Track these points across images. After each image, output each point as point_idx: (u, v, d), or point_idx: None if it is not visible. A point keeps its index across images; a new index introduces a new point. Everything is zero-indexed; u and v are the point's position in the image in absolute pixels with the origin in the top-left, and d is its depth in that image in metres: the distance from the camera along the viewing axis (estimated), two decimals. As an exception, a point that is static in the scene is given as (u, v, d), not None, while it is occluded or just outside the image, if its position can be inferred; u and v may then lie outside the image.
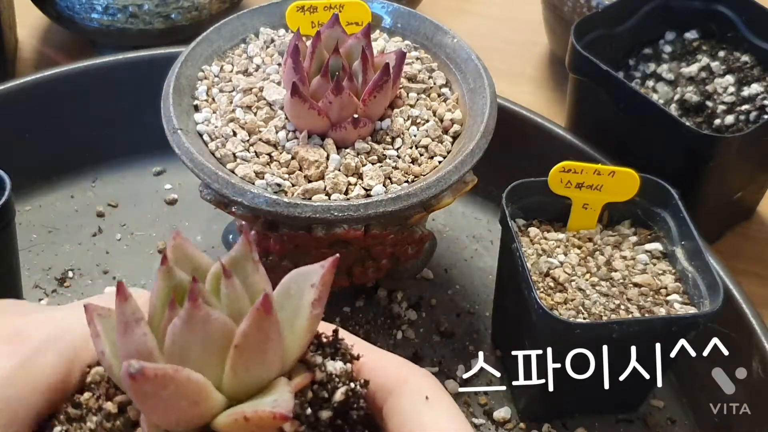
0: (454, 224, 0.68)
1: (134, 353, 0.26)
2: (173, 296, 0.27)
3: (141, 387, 0.24)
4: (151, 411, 0.26)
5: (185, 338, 0.26)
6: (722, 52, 0.67)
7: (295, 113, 0.52)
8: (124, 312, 0.26)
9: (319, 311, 0.28)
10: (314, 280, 0.28)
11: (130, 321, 0.26)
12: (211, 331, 0.26)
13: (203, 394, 0.26)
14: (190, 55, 0.56)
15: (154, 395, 0.25)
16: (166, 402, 0.25)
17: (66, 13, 0.77)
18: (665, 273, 0.53)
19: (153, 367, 0.24)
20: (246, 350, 0.26)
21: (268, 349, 0.27)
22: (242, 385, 0.27)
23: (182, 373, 0.25)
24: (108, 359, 0.27)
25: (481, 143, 0.52)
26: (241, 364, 0.26)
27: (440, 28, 0.59)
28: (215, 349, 0.26)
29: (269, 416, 0.25)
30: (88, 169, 0.70)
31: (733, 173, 0.63)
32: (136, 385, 0.24)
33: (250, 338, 0.26)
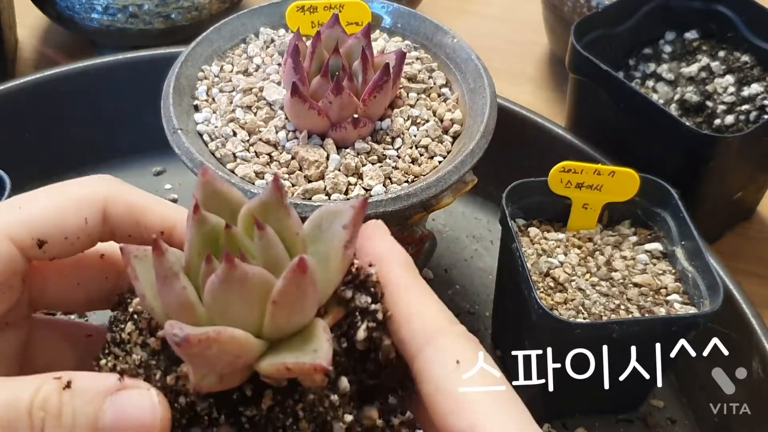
0: (454, 224, 0.68)
1: (175, 306, 0.26)
2: (209, 251, 0.27)
3: (188, 350, 0.25)
4: (197, 366, 0.26)
5: (224, 295, 0.26)
6: (722, 52, 0.67)
7: (295, 113, 0.52)
8: (162, 265, 0.26)
9: (351, 251, 0.28)
10: (345, 221, 0.28)
11: (168, 275, 0.26)
12: (249, 287, 0.26)
13: (245, 347, 0.26)
14: (190, 55, 0.56)
15: (199, 355, 0.25)
16: (210, 359, 0.25)
17: (66, 13, 0.77)
18: (665, 273, 0.53)
19: (196, 334, 0.25)
20: (284, 305, 0.27)
21: (305, 302, 0.27)
22: (281, 332, 0.27)
23: (224, 334, 0.25)
24: (149, 302, 0.27)
25: (481, 143, 0.52)
26: (280, 316, 0.27)
27: (440, 28, 0.59)
28: (254, 303, 0.27)
29: (310, 369, 0.26)
30: (88, 169, 0.70)
31: (733, 173, 0.63)
32: (182, 348, 0.25)
33: (288, 295, 0.26)
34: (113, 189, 0.31)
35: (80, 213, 0.30)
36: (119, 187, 0.32)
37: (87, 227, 0.30)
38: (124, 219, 0.31)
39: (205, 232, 0.28)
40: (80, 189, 0.31)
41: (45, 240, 0.29)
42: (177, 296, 0.26)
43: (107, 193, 0.31)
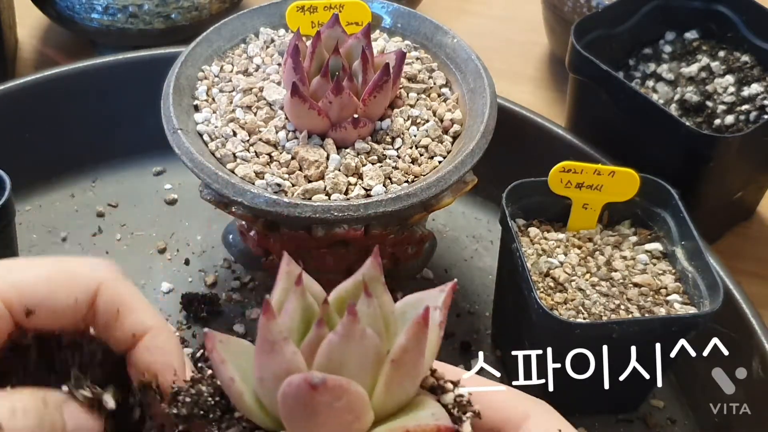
0: (454, 224, 0.68)
1: (283, 373, 0.25)
2: (321, 315, 0.27)
3: (320, 398, 0.24)
4: (317, 426, 0.25)
5: (341, 353, 0.26)
6: (722, 52, 0.67)
7: (295, 113, 0.52)
8: (272, 331, 0.25)
9: (442, 333, 0.28)
10: (438, 303, 0.28)
11: (278, 340, 0.25)
12: (367, 346, 0.26)
13: (366, 408, 0.26)
14: (190, 55, 0.56)
15: (328, 407, 0.25)
16: (335, 415, 0.25)
17: (66, 13, 0.77)
18: (665, 273, 0.53)
19: (334, 378, 0.24)
20: (402, 365, 0.26)
21: (419, 365, 0.27)
22: (391, 401, 0.27)
23: (354, 386, 0.25)
24: (238, 386, 0.26)
25: (481, 143, 0.52)
26: (395, 379, 0.26)
27: (440, 28, 0.59)
28: (368, 365, 0.26)
29: (434, 429, 0.25)
30: (88, 169, 0.70)
31: (733, 173, 0.63)
32: (315, 396, 0.24)
33: (408, 352, 0.26)
34: (109, 276, 0.31)
35: (73, 291, 0.30)
36: (116, 276, 0.32)
37: (75, 306, 0.30)
38: (107, 309, 0.31)
39: (305, 306, 0.28)
40: (78, 267, 0.31)
41: (33, 310, 0.29)
42: (287, 362, 0.25)
43: (102, 279, 0.31)
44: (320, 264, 0.54)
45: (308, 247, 0.52)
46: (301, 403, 0.25)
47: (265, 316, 0.25)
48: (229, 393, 0.27)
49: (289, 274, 0.28)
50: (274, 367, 0.26)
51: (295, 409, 0.25)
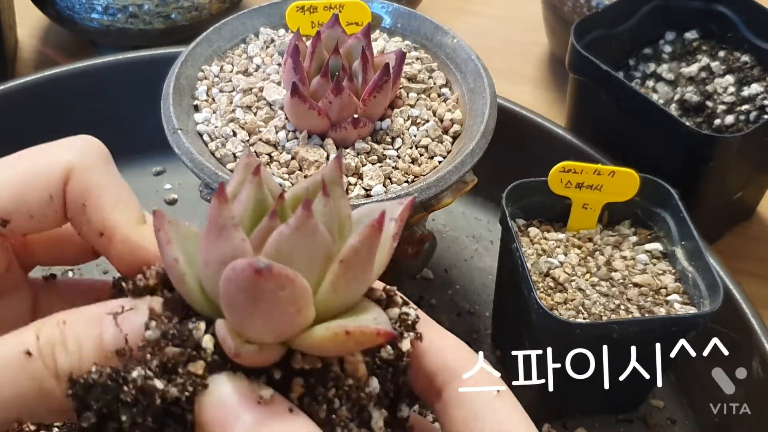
0: (454, 224, 0.68)
1: (229, 257, 0.24)
2: (275, 207, 0.26)
3: (263, 284, 0.23)
4: (257, 314, 0.24)
5: (291, 246, 0.25)
6: (722, 52, 0.67)
7: (295, 113, 0.52)
8: (222, 215, 0.25)
9: (395, 245, 0.28)
10: (394, 215, 0.28)
11: (227, 225, 0.25)
12: (318, 243, 0.25)
13: (309, 302, 0.25)
14: (190, 55, 0.56)
15: (271, 295, 0.24)
16: (277, 305, 0.24)
17: (66, 13, 0.77)
18: (665, 273, 0.53)
19: (279, 266, 0.23)
20: (351, 266, 0.25)
21: (368, 269, 0.26)
22: (335, 301, 0.26)
23: (299, 278, 0.24)
24: (181, 267, 0.25)
25: (481, 143, 0.52)
26: (342, 279, 0.26)
27: (440, 28, 0.59)
28: (317, 262, 0.25)
29: (373, 332, 0.25)
30: (88, 169, 0.70)
31: (733, 173, 0.63)
32: (259, 282, 0.23)
33: (358, 254, 0.25)
34: (82, 160, 0.29)
35: (44, 189, 0.28)
36: (89, 158, 0.29)
37: (53, 204, 0.29)
38: (74, 202, 0.29)
39: (259, 199, 0.27)
40: (48, 157, 0.29)
41: (8, 219, 0.28)
42: (234, 248, 0.25)
43: (73, 164, 0.29)
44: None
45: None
46: (243, 288, 0.24)
47: (217, 200, 0.24)
48: (171, 274, 0.26)
49: (248, 166, 0.27)
50: (220, 252, 0.25)
51: (237, 295, 0.24)
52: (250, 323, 0.25)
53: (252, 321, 0.25)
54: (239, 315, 0.25)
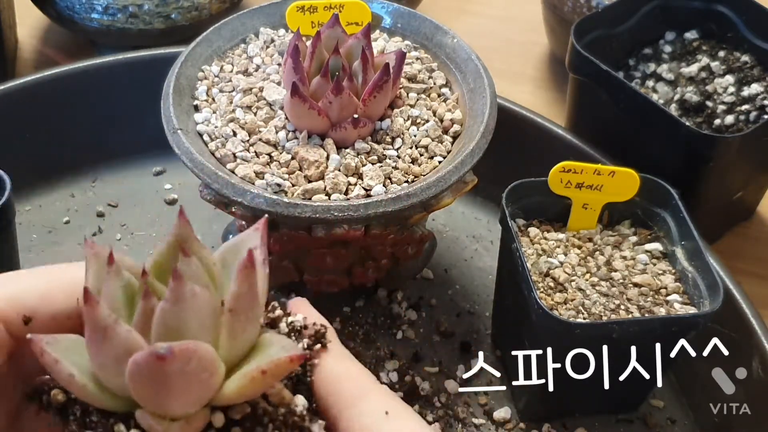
0: (454, 224, 0.68)
1: (123, 354, 0.25)
2: (145, 287, 0.26)
3: (169, 367, 0.24)
4: (173, 394, 0.25)
5: (177, 318, 0.26)
6: (722, 52, 0.67)
7: (295, 113, 0.52)
8: (99, 316, 0.25)
9: (268, 271, 0.28)
10: (256, 243, 0.28)
11: (108, 324, 0.25)
12: (200, 305, 0.26)
13: (216, 362, 0.26)
14: (190, 55, 0.56)
15: (180, 374, 0.24)
16: (188, 379, 0.25)
17: (66, 13, 0.77)
18: (665, 273, 0.53)
19: (178, 344, 0.24)
20: (240, 311, 0.26)
21: (255, 306, 0.27)
22: (238, 348, 0.27)
23: (200, 345, 0.25)
24: (78, 379, 0.26)
25: (481, 143, 0.52)
26: (237, 326, 0.26)
27: (440, 28, 0.59)
28: (207, 322, 0.26)
29: (287, 361, 0.25)
30: (88, 169, 0.70)
31: (733, 173, 0.63)
32: (165, 367, 0.24)
33: (242, 297, 0.26)
34: None
35: (72, 293, 0.29)
36: None
37: (77, 309, 0.29)
38: None
39: (124, 283, 0.27)
40: (72, 269, 0.30)
41: (31, 317, 0.29)
42: (124, 342, 0.25)
43: None
44: (320, 264, 0.54)
45: (308, 247, 0.52)
46: (152, 378, 0.24)
47: (88, 305, 0.25)
48: (73, 389, 0.26)
49: (97, 256, 0.27)
50: (112, 351, 0.25)
51: (147, 385, 0.25)
52: (168, 404, 0.25)
53: (170, 401, 0.25)
54: (155, 400, 0.25)
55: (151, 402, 0.26)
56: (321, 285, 0.57)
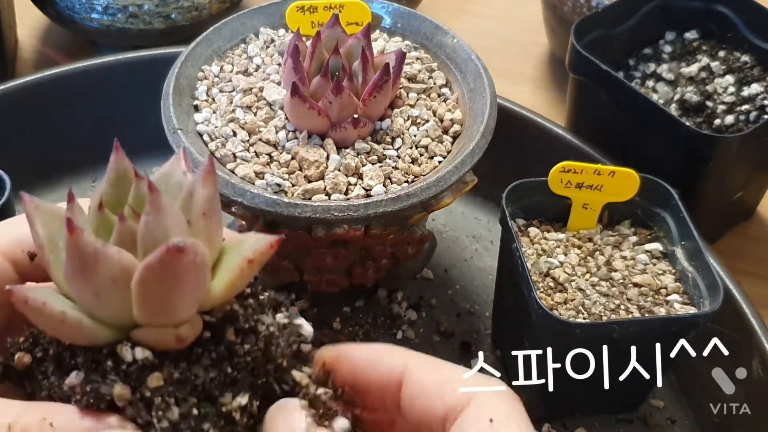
0: (454, 224, 0.68)
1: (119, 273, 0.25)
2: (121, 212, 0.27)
3: (185, 259, 0.24)
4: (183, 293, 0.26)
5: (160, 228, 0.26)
6: (722, 52, 0.67)
7: (295, 113, 0.52)
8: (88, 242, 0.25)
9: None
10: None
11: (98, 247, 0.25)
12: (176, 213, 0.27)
13: (208, 258, 0.26)
14: (190, 55, 0.56)
15: (191, 267, 0.25)
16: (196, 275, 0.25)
17: (66, 13, 0.77)
18: (665, 273, 0.53)
19: (190, 240, 0.25)
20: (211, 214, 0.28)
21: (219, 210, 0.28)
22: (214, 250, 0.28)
23: (198, 243, 0.25)
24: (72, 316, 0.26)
25: (481, 143, 0.52)
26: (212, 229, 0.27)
27: (440, 28, 0.59)
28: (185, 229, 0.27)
29: (267, 246, 0.27)
30: (88, 169, 0.70)
31: (733, 173, 0.63)
32: (182, 259, 0.24)
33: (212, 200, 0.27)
34: None
35: None
36: None
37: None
38: None
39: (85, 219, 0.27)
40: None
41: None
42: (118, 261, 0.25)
43: None
44: (320, 264, 0.54)
45: (308, 247, 0.52)
46: (165, 278, 0.25)
47: (73, 233, 0.25)
48: (64, 329, 0.26)
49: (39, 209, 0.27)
50: (107, 274, 0.25)
51: (159, 288, 0.25)
52: (176, 306, 0.26)
53: (179, 302, 0.26)
54: (164, 304, 0.26)
55: (158, 309, 0.26)
56: (321, 285, 0.57)
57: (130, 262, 0.26)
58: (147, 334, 0.26)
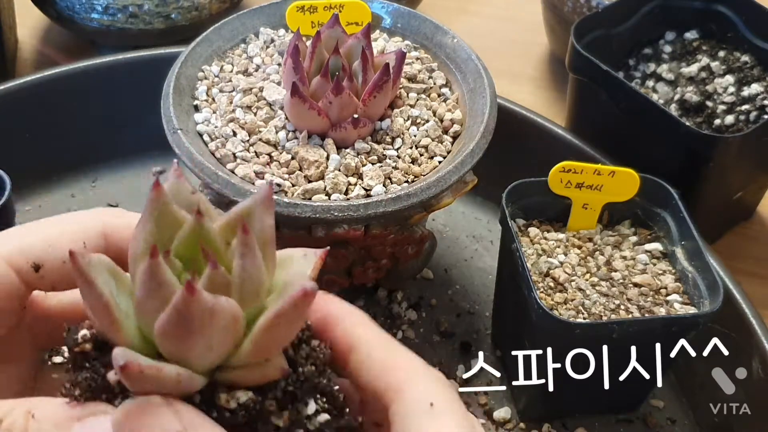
0: (454, 224, 0.68)
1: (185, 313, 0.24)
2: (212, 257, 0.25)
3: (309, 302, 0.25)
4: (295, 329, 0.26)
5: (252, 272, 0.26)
6: (722, 52, 0.67)
7: (295, 113, 0.52)
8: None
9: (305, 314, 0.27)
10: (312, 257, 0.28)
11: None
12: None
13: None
14: (190, 55, 0.56)
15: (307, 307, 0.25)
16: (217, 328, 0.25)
17: (66, 13, 0.77)
18: (665, 273, 0.53)
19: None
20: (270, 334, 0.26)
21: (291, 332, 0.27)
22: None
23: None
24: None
25: (481, 143, 0.52)
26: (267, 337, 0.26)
27: (440, 28, 0.59)
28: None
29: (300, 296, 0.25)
30: (88, 169, 0.70)
31: (733, 173, 0.63)
32: (309, 300, 0.25)
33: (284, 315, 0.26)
34: (115, 214, 0.31)
35: (77, 237, 0.29)
36: (122, 213, 0.31)
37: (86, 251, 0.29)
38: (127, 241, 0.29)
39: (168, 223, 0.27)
40: (79, 216, 0.31)
41: (40, 264, 0.29)
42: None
43: (107, 219, 0.30)
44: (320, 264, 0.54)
45: (308, 247, 0.52)
46: (296, 314, 0.25)
47: (194, 295, 0.24)
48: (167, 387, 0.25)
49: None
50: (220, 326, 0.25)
51: (291, 322, 0.25)
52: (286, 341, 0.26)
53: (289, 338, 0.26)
54: (283, 340, 0.26)
55: (273, 348, 0.26)
56: (321, 285, 0.56)
57: (238, 309, 0.25)
58: (248, 374, 0.26)
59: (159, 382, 0.25)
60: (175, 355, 0.25)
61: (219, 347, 0.25)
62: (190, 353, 0.25)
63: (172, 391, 0.25)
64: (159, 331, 0.25)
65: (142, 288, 0.25)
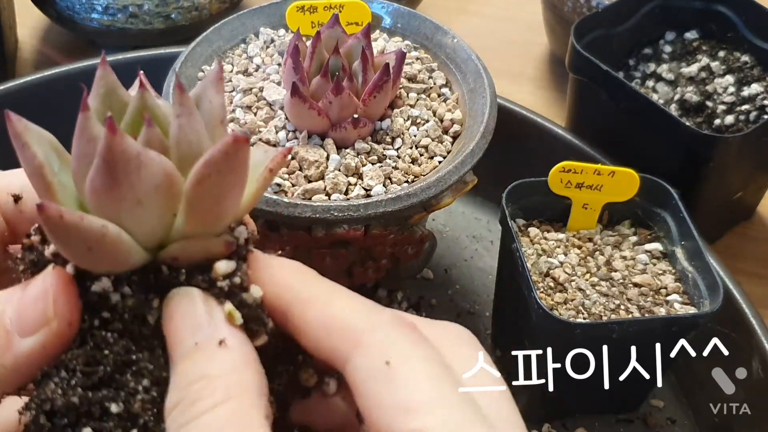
0: (454, 224, 0.68)
1: (162, 178, 0.24)
2: (147, 116, 0.25)
3: (244, 151, 0.24)
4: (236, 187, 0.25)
5: (192, 130, 0.25)
6: (722, 52, 0.67)
7: (295, 113, 0.52)
8: (130, 145, 0.23)
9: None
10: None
11: (140, 151, 0.23)
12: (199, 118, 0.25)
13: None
14: (190, 55, 0.56)
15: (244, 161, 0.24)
16: (245, 172, 0.24)
17: (66, 13, 0.77)
18: (665, 273, 0.53)
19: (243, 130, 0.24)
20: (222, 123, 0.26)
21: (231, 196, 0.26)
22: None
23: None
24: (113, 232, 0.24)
25: (481, 143, 0.52)
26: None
27: (440, 28, 0.59)
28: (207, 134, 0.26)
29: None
30: (88, 169, 0.70)
31: (733, 173, 0.63)
32: (243, 150, 0.23)
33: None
34: None
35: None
36: None
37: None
38: None
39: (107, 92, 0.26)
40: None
41: (20, 195, 0.29)
42: (159, 165, 0.23)
43: None
44: (320, 264, 0.54)
45: (308, 247, 0.52)
46: (230, 166, 0.23)
47: (116, 136, 0.22)
48: (101, 247, 0.24)
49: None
50: (150, 181, 0.23)
51: (224, 175, 0.24)
52: (226, 206, 0.25)
53: (229, 202, 0.25)
54: (218, 203, 0.25)
55: (210, 214, 0.24)
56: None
57: (171, 167, 0.24)
58: (190, 246, 0.24)
59: (82, 233, 0.23)
60: (108, 217, 0.24)
61: (153, 210, 0.24)
62: (121, 209, 0.24)
63: (106, 255, 0.24)
64: (88, 186, 0.23)
65: (75, 147, 0.24)
